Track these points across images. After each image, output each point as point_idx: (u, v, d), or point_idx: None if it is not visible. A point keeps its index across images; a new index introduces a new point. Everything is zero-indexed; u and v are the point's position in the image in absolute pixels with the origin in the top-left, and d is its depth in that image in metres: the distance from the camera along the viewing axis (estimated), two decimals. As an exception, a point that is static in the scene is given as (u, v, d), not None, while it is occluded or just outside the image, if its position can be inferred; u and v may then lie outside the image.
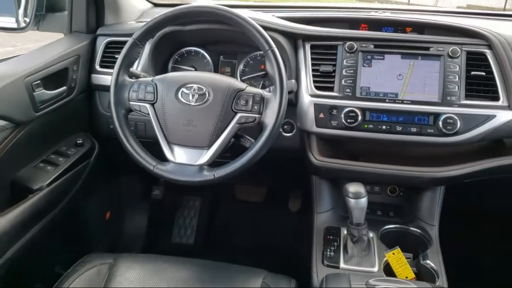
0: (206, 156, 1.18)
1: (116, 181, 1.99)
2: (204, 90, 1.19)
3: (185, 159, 1.19)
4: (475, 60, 1.33)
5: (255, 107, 1.18)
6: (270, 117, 1.16)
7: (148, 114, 1.22)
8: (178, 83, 1.21)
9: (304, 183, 1.57)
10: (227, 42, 1.54)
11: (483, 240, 1.92)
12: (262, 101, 1.18)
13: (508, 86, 1.29)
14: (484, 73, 1.32)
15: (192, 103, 1.19)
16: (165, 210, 2.21)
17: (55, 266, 1.63)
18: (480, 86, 1.32)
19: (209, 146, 1.18)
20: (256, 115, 1.18)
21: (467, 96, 1.30)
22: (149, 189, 2.08)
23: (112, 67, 1.26)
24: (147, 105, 1.22)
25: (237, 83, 1.22)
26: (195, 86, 1.20)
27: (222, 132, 1.17)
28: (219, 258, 1.24)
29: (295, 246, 1.51)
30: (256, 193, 2.22)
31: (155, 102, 1.22)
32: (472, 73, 1.32)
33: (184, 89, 1.20)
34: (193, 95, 1.19)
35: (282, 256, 1.75)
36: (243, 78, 1.52)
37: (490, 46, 1.33)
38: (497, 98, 1.30)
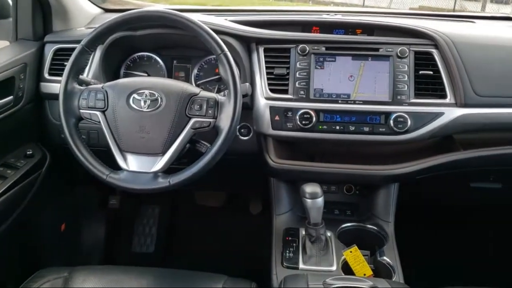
0: (160, 163, 1.16)
1: (71, 192, 1.93)
2: (156, 95, 1.18)
3: (138, 167, 1.17)
4: (423, 60, 1.37)
5: (210, 112, 1.17)
6: (225, 121, 1.16)
7: (99, 122, 1.19)
8: (129, 89, 1.19)
9: (264, 186, 1.58)
10: (181, 47, 1.52)
11: (437, 233, 1.99)
12: (216, 105, 1.18)
13: (454, 84, 1.34)
14: (431, 72, 1.36)
15: (144, 109, 1.17)
16: (123, 219, 2.16)
17: (7, 282, 1.56)
18: (428, 85, 1.36)
19: (163, 153, 1.16)
20: (211, 120, 1.17)
21: (416, 95, 1.35)
22: (106, 198, 2.03)
23: (62, 75, 1.23)
24: (98, 113, 1.19)
25: (190, 87, 1.21)
26: (146, 91, 1.18)
27: (176, 138, 1.16)
28: (181, 265, 1.22)
29: (257, 249, 1.51)
30: (216, 198, 2.20)
31: (106, 110, 1.19)
32: (420, 72, 1.36)
33: (135, 95, 1.18)
34: (145, 101, 1.17)
35: (244, 260, 1.74)
36: (198, 82, 1.51)
37: (436, 45, 1.38)
38: (444, 96, 1.35)
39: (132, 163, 1.17)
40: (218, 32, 1.29)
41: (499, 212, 1.95)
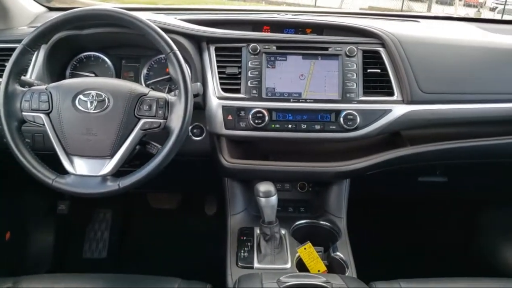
0: (109, 166, 1.13)
1: (17, 198, 1.84)
2: (103, 96, 1.14)
3: (86, 170, 1.13)
4: (371, 58, 1.41)
5: (160, 112, 1.15)
6: (175, 121, 1.14)
7: (44, 124, 1.14)
8: (74, 90, 1.15)
9: (218, 186, 1.57)
10: (129, 46, 1.48)
11: (388, 227, 2.05)
12: (166, 106, 1.16)
13: (401, 82, 1.38)
14: (379, 70, 1.40)
15: (91, 111, 1.13)
16: (73, 225, 2.09)
17: None
18: (376, 83, 1.39)
19: (111, 155, 1.13)
20: (161, 120, 1.15)
21: (365, 93, 1.38)
22: (54, 204, 1.95)
23: (1, 76, 1.17)
24: (42, 115, 1.14)
25: (139, 87, 1.18)
26: (93, 92, 1.14)
27: (125, 140, 1.13)
28: (135, 270, 1.20)
29: (212, 250, 1.50)
30: (170, 200, 2.17)
31: (50, 112, 1.14)
32: (368, 70, 1.39)
33: (81, 96, 1.14)
34: (91, 102, 1.14)
35: (200, 262, 1.72)
36: (148, 82, 1.48)
37: (383, 44, 1.41)
38: (392, 94, 1.38)
39: (79, 166, 1.14)
40: (167, 31, 1.27)
41: (446, 205, 2.03)
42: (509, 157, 1.51)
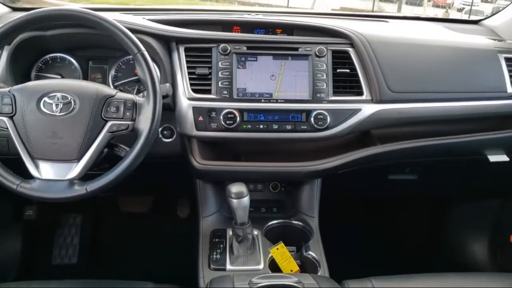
0: (76, 169, 1.11)
1: None
2: (69, 98, 1.12)
3: (52, 175, 1.10)
4: (340, 58, 1.42)
5: (127, 114, 1.13)
6: (144, 123, 1.13)
7: (7, 128, 1.11)
8: (39, 92, 1.12)
9: (190, 188, 1.55)
10: (96, 47, 1.45)
11: (360, 226, 2.07)
12: (134, 107, 1.14)
13: (370, 81, 1.40)
14: (348, 70, 1.41)
15: (57, 114, 1.11)
16: (41, 230, 2.03)
17: None
18: (346, 83, 1.41)
19: (78, 159, 1.11)
20: (129, 122, 1.13)
21: (335, 93, 1.39)
22: (21, 209, 1.90)
23: None
24: (5, 119, 1.11)
25: (105, 89, 1.16)
26: (58, 94, 1.12)
27: (92, 143, 1.11)
28: (106, 275, 1.17)
29: (185, 253, 1.48)
30: (141, 203, 2.14)
31: (14, 115, 1.11)
32: (338, 70, 1.40)
33: (46, 99, 1.11)
34: (57, 105, 1.11)
35: (172, 265, 1.71)
36: (116, 84, 1.45)
37: (352, 44, 1.43)
38: (361, 93, 1.40)
39: (45, 171, 1.11)
40: (135, 31, 1.26)
41: (417, 203, 2.07)
42: (475, 154, 1.55)
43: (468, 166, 1.63)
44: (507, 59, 1.52)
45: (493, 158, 1.54)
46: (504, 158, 1.55)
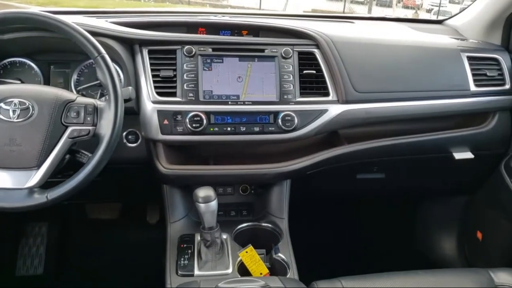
0: (35, 177, 1.07)
1: None
2: (27, 104, 1.08)
3: (10, 183, 1.06)
4: (306, 60, 1.42)
5: (88, 119, 1.11)
6: (105, 128, 1.10)
7: None
8: None
9: (159, 193, 1.52)
10: (58, 51, 1.41)
11: (329, 226, 2.08)
12: (95, 112, 1.12)
13: (336, 82, 1.40)
14: (314, 71, 1.41)
15: (14, 120, 1.07)
16: (4, 241, 1.96)
17: None
18: (313, 84, 1.41)
19: (38, 166, 1.07)
20: (90, 127, 1.11)
21: (302, 94, 1.39)
22: None
23: None
24: None
25: (65, 93, 1.13)
26: (15, 100, 1.08)
27: (52, 150, 1.08)
28: (75, 284, 1.13)
29: (155, 260, 1.45)
30: (110, 210, 2.08)
31: None
32: (304, 71, 1.40)
33: (2, 105, 1.08)
34: (14, 111, 1.07)
35: (142, 272, 1.67)
36: (78, 88, 1.41)
37: (317, 45, 1.43)
38: (327, 94, 1.40)
39: (2, 179, 1.07)
40: (96, 34, 1.23)
41: (386, 201, 2.09)
42: (441, 152, 1.58)
43: (435, 164, 1.65)
44: (469, 58, 1.56)
45: (458, 155, 1.57)
46: (469, 155, 1.58)
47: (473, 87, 1.53)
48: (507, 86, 1.58)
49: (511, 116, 1.62)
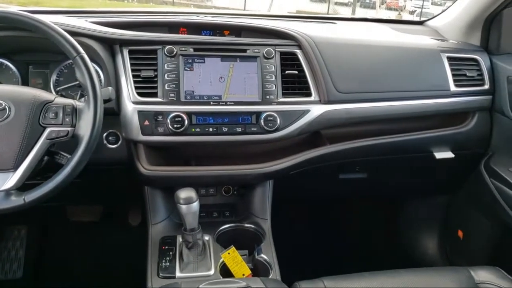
0: (12, 179, 1.04)
1: None
2: (4, 105, 1.06)
3: None
4: (288, 60, 1.42)
5: (67, 120, 1.09)
6: (84, 128, 1.09)
7: None
8: None
9: (140, 195, 1.51)
10: (36, 51, 1.39)
11: (312, 226, 2.08)
12: (74, 112, 1.10)
13: (317, 82, 1.41)
14: (297, 72, 1.41)
15: None
16: None
17: None
18: (295, 84, 1.41)
19: (15, 168, 1.05)
20: (69, 128, 1.09)
21: (284, 94, 1.38)
22: None
23: None
24: None
25: (43, 94, 1.11)
26: None
27: (29, 151, 1.06)
28: None
29: (137, 262, 1.44)
30: (91, 212, 2.05)
31: None
32: (286, 72, 1.40)
33: None
34: None
35: (123, 275, 1.65)
36: (58, 89, 1.39)
37: (300, 46, 1.43)
38: (309, 94, 1.41)
39: None
40: (75, 33, 1.22)
41: (368, 201, 2.10)
42: (422, 151, 1.59)
43: (416, 163, 1.67)
44: (449, 58, 1.57)
45: (439, 155, 1.59)
46: (449, 154, 1.60)
47: (453, 87, 1.55)
48: (486, 86, 1.61)
49: (490, 116, 1.64)
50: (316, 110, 1.39)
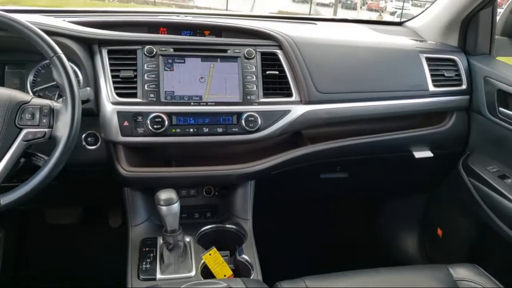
0: None
1: None
2: None
3: None
4: (269, 60, 1.42)
5: (44, 121, 1.07)
6: (62, 130, 1.07)
7: None
8: None
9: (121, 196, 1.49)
10: (13, 51, 1.36)
11: (294, 226, 2.08)
12: (51, 113, 1.08)
13: (298, 83, 1.41)
14: (277, 72, 1.41)
15: None
16: None
17: None
18: (276, 84, 1.41)
19: None
20: (46, 129, 1.07)
21: (265, 94, 1.39)
22: None
23: None
24: None
25: (19, 95, 1.09)
26: None
27: (5, 153, 1.04)
28: None
29: (117, 265, 1.42)
30: (71, 214, 2.02)
31: None
32: (267, 72, 1.40)
33: None
34: None
35: (104, 277, 1.63)
36: (35, 89, 1.36)
37: (280, 46, 1.43)
38: (290, 94, 1.41)
39: None
40: (52, 33, 1.20)
41: (350, 200, 2.11)
42: (402, 151, 1.61)
43: (396, 163, 1.68)
44: (428, 59, 1.59)
45: (418, 154, 1.61)
46: (428, 154, 1.62)
47: (431, 87, 1.57)
48: (463, 86, 1.63)
49: (468, 115, 1.67)
50: (297, 110, 1.39)
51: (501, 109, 1.53)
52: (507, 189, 1.48)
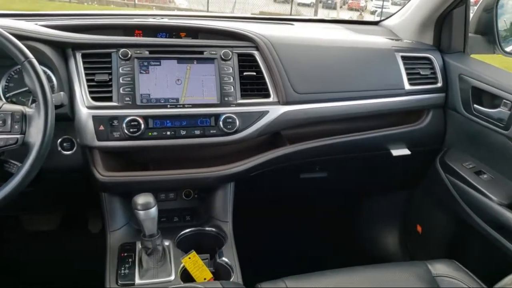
0: None
1: None
2: None
3: None
4: (246, 61, 1.42)
5: (16, 127, 1.05)
6: (35, 136, 1.05)
7: None
8: None
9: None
10: None
11: (275, 226, 2.08)
12: (23, 119, 1.06)
13: (276, 83, 1.41)
14: (255, 73, 1.41)
15: None
16: None
17: None
18: (253, 85, 1.41)
19: None
20: (18, 136, 1.05)
21: (243, 96, 1.38)
22: None
23: None
24: None
25: None
26: None
27: None
28: None
29: (97, 270, 1.40)
30: (48, 220, 1.98)
31: None
32: (245, 73, 1.40)
33: None
34: None
35: (83, 284, 1.61)
36: (8, 95, 1.33)
37: (257, 47, 1.43)
38: (268, 95, 1.41)
39: None
40: (23, 37, 1.18)
41: (329, 200, 2.12)
42: (380, 149, 1.62)
43: (374, 161, 1.70)
44: (403, 58, 1.61)
45: (395, 152, 1.62)
46: (405, 151, 1.64)
47: (407, 86, 1.58)
48: (439, 84, 1.65)
49: (444, 113, 1.69)
50: (275, 111, 1.39)
51: (475, 106, 1.55)
52: (483, 184, 1.50)
